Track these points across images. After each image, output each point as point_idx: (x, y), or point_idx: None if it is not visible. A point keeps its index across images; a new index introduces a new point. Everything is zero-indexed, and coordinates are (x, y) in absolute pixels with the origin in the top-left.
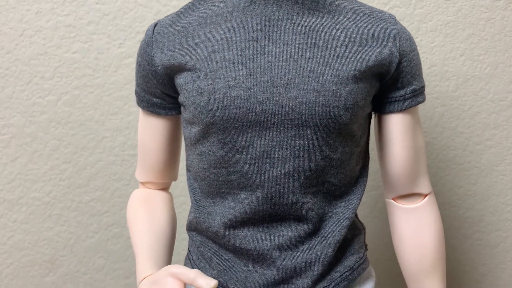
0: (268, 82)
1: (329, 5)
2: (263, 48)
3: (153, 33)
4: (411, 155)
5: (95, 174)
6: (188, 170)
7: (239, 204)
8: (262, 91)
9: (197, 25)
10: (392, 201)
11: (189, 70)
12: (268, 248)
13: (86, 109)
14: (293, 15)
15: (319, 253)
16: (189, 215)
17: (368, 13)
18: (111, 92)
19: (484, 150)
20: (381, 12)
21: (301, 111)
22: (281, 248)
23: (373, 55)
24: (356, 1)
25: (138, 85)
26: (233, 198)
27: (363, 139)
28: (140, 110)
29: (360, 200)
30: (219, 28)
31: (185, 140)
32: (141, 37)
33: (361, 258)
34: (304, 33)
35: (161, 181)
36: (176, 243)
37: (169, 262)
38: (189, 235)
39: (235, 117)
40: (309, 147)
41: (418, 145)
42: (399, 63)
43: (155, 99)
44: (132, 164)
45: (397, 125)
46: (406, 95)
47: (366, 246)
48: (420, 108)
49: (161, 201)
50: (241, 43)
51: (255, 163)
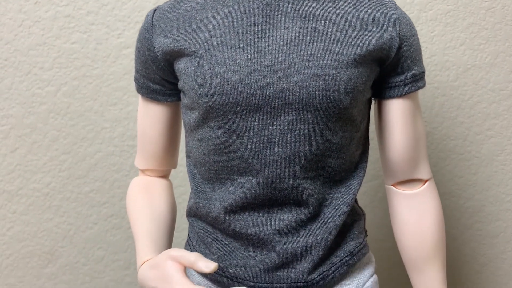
0: (267, 66)
1: None
2: (263, 32)
3: (152, 19)
4: (411, 141)
5: (94, 164)
6: (188, 156)
7: (239, 189)
8: (261, 75)
9: (196, 10)
10: (392, 187)
11: (188, 55)
12: (268, 232)
13: (85, 99)
14: (293, 0)
15: (318, 238)
16: (189, 201)
17: None
18: (110, 82)
19: (484, 140)
20: None
21: (301, 95)
22: (281, 232)
23: (373, 39)
24: None
25: (137, 71)
26: (233, 183)
27: (363, 125)
28: (139, 97)
29: (360, 185)
30: (219, 13)
31: (185, 126)
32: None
33: (361, 243)
34: (304, 18)
35: (161, 168)
36: (176, 234)
37: (169, 248)
38: (188, 221)
39: (235, 101)
40: (309, 131)
41: (418, 130)
42: (399, 47)
43: (154, 86)
44: (131, 154)
45: (397, 110)
46: (406, 80)
47: (366, 231)
48: (420, 98)
49: (161, 188)
50: (240, 28)
51: (254, 147)
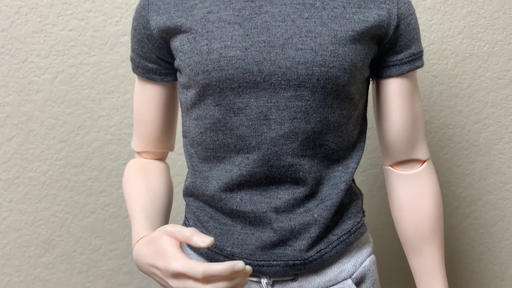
0: (265, 42)
1: None
2: (260, 8)
3: None
4: (409, 120)
5: (91, 153)
6: (184, 136)
7: (235, 167)
8: (259, 51)
9: None
10: (390, 168)
11: (185, 32)
12: (265, 210)
13: (82, 87)
14: None
15: (316, 216)
16: (186, 180)
17: None
18: (107, 70)
19: (482, 128)
20: None
21: (298, 71)
22: (278, 210)
23: (371, 16)
24: None
25: (133, 50)
26: (230, 161)
27: (361, 104)
28: (136, 78)
29: (357, 164)
30: None
31: (181, 106)
32: None
33: (359, 222)
34: None
35: (158, 150)
36: (172, 222)
37: None
38: (185, 200)
39: (232, 77)
40: (306, 108)
41: (416, 110)
42: (397, 26)
43: (150, 65)
44: (129, 143)
45: (395, 89)
46: (404, 59)
47: (363, 212)
48: (418, 86)
49: (158, 169)
50: (237, 3)
51: (251, 124)
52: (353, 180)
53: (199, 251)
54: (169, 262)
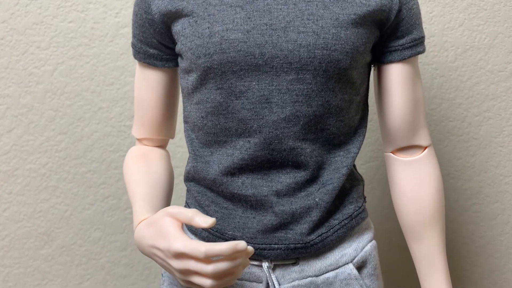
0: (267, 25)
1: None
2: None
3: None
4: (410, 106)
5: (91, 145)
6: (185, 122)
7: (237, 151)
8: (260, 34)
9: None
10: (391, 154)
11: (186, 15)
12: (266, 194)
13: (82, 79)
14: None
15: (317, 200)
16: (187, 165)
17: None
18: (107, 62)
19: (482, 121)
20: None
21: (300, 54)
22: (279, 194)
23: (373, 0)
24: None
25: (134, 36)
26: (231, 145)
27: (363, 89)
28: (137, 64)
29: (358, 149)
30: None
31: (182, 91)
32: None
33: (360, 207)
34: None
35: (158, 137)
36: None
37: None
38: (186, 186)
39: (233, 60)
40: (308, 91)
41: (417, 96)
42: (399, 10)
43: (151, 50)
44: (128, 135)
45: (396, 75)
46: (406, 44)
47: (365, 198)
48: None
49: (158, 155)
50: None
51: (253, 108)
52: (354, 166)
53: (200, 236)
54: (171, 242)
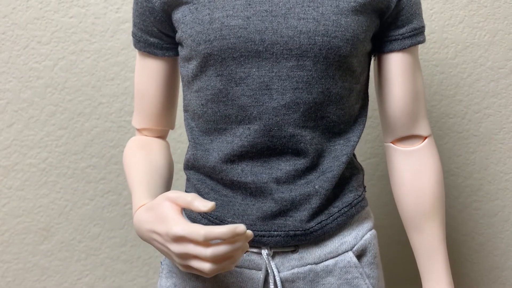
0: (267, 11)
1: None
2: None
3: None
4: (410, 96)
5: (91, 140)
6: (185, 110)
7: (237, 138)
8: (261, 20)
9: None
10: (391, 144)
11: (186, 2)
12: (266, 181)
13: (82, 74)
14: None
15: (317, 187)
16: (186, 154)
17: None
18: (108, 57)
19: (483, 118)
20: None
21: (300, 41)
22: (279, 181)
23: None
24: None
25: (135, 25)
26: (231, 132)
27: (363, 78)
28: (137, 54)
29: (358, 138)
30: None
31: (182, 79)
32: None
33: (360, 196)
34: None
35: (158, 127)
36: None
37: None
38: (186, 174)
39: (234, 46)
40: (308, 78)
41: (417, 86)
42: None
43: (152, 39)
44: (128, 130)
45: (397, 64)
46: (406, 34)
47: (364, 187)
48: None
49: (158, 145)
50: None
51: (253, 94)
52: (354, 155)
53: (200, 223)
54: (170, 226)
